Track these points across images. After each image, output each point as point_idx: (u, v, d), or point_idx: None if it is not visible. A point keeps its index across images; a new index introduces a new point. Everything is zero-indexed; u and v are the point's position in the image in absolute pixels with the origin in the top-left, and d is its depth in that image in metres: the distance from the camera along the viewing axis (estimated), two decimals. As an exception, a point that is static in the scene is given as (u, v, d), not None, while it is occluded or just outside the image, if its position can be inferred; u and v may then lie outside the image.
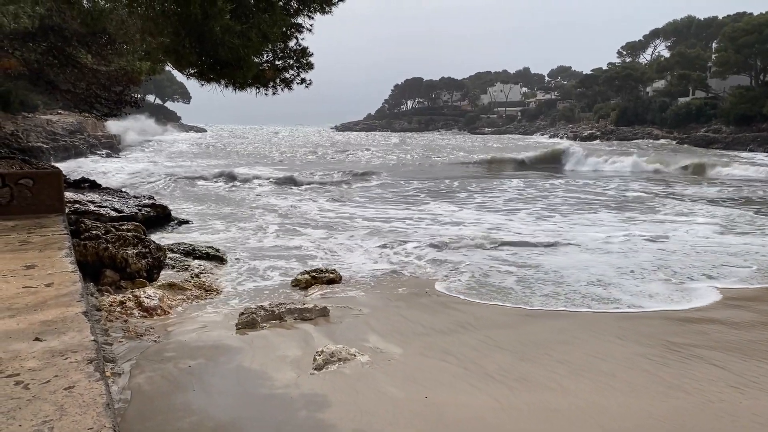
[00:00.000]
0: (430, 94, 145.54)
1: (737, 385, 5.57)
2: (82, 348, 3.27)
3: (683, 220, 15.84)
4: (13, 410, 2.53)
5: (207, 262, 10.51)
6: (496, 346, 6.60)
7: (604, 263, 10.59)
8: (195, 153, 50.78)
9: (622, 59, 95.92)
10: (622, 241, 12.62)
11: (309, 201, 20.68)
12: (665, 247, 12.00)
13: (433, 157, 44.68)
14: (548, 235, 13.62)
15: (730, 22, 69.68)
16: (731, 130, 56.40)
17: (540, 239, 12.99)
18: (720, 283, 9.25)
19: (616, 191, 23.27)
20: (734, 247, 12.00)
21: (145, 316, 7.45)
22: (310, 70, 8.89)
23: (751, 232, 13.85)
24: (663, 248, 11.91)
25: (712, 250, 11.70)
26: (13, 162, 16.07)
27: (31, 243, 6.17)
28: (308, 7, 7.88)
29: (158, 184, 25.62)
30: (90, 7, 6.89)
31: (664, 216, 16.64)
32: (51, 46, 12.99)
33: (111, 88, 15.99)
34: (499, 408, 5.15)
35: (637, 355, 6.35)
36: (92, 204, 13.23)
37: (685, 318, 7.66)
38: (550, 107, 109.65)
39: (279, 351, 6.42)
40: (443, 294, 8.79)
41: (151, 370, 5.82)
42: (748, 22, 60.58)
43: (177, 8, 6.19)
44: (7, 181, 8.02)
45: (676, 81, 68.46)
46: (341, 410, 5.09)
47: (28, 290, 4.44)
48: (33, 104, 39.51)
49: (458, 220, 16.05)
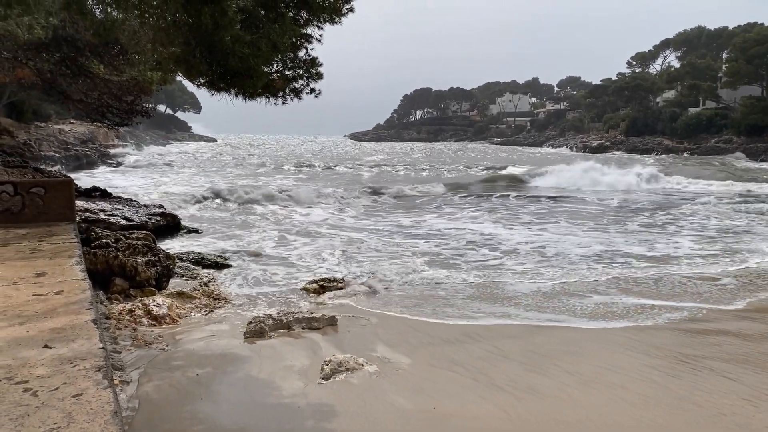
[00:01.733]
0: (439, 104, 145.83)
1: (750, 397, 5.50)
2: (90, 356, 3.28)
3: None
4: (21, 417, 2.54)
5: (216, 271, 10.54)
6: (504, 357, 6.56)
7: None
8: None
9: (631, 69, 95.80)
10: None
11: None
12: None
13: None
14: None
15: (740, 32, 69.42)
16: (742, 141, 56.12)
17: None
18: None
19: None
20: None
21: (153, 325, 7.47)
22: (319, 80, 8.92)
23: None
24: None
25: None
26: (26, 171, 16.24)
27: (42, 251, 6.22)
28: (318, 17, 7.92)
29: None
30: (102, 18, 6.96)
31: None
32: (64, 56, 13.15)
33: (122, 97, 16.14)
34: (507, 419, 5.10)
35: (648, 366, 6.28)
36: (103, 213, 13.31)
37: (696, 330, 7.58)
38: (559, 117, 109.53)
39: (287, 360, 6.41)
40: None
41: (159, 379, 5.83)
42: (759, 32, 60.42)
43: (188, 18, 6.24)
44: (19, 189, 8.09)
45: (686, 91, 68.26)
46: (349, 420, 5.06)
47: (38, 298, 4.47)
48: (46, 114, 40.00)
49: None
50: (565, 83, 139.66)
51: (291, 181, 32.31)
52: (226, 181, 29.59)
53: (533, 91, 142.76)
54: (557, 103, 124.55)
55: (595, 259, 12.02)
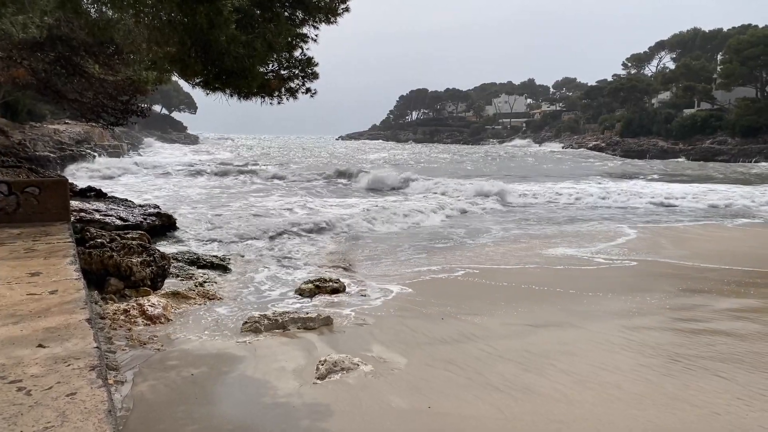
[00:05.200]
0: (435, 105, 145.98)
1: (744, 397, 5.52)
2: (84, 355, 3.27)
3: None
4: (14, 416, 2.53)
5: (211, 271, 10.52)
6: (500, 357, 6.57)
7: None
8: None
9: (627, 71, 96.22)
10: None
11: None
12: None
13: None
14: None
15: (735, 34, 69.76)
16: (737, 142, 56.38)
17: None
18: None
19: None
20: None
21: (148, 325, 7.45)
22: (315, 80, 8.93)
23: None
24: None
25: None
26: (20, 171, 16.18)
27: (36, 251, 6.19)
28: (313, 17, 7.93)
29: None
30: (97, 17, 6.95)
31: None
32: (59, 55, 13.08)
33: (118, 97, 16.07)
34: (503, 419, 5.11)
35: (643, 366, 6.30)
36: (98, 212, 13.26)
37: (690, 329, 7.60)
38: (555, 118, 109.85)
39: (282, 360, 6.40)
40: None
41: (154, 379, 5.81)
42: (753, 34, 60.72)
43: (183, 18, 6.24)
44: (14, 189, 8.06)
45: (681, 92, 68.50)
46: (344, 420, 5.06)
47: (32, 297, 4.45)
48: (40, 114, 39.79)
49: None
50: (560, 84, 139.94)
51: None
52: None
53: (529, 92, 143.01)
54: (553, 105, 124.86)
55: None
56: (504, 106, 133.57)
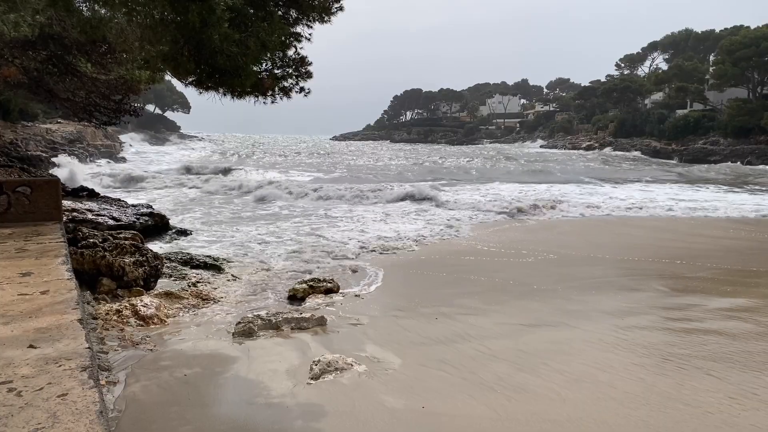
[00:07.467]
0: (429, 105, 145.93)
1: (736, 396, 5.54)
2: (76, 355, 3.24)
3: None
4: (5, 417, 2.51)
5: (204, 271, 10.47)
6: (494, 356, 6.57)
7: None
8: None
9: (620, 71, 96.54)
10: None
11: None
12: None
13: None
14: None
15: (727, 35, 70.02)
16: (729, 143, 56.63)
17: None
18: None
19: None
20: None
21: (141, 325, 7.41)
22: (309, 79, 8.91)
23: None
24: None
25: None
26: (12, 170, 16.09)
27: (28, 250, 6.15)
28: (307, 16, 7.91)
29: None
30: (90, 16, 6.91)
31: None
32: (51, 54, 13.01)
33: (110, 96, 15.98)
34: (497, 418, 5.11)
35: (636, 365, 6.32)
36: (90, 212, 13.20)
37: (683, 329, 7.63)
38: (548, 119, 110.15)
39: (275, 360, 6.38)
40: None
41: (146, 379, 5.78)
42: (745, 35, 60.95)
43: (176, 16, 6.21)
44: (5, 188, 8.01)
45: (674, 93, 68.77)
46: (338, 420, 5.05)
47: (23, 297, 4.42)
48: (32, 113, 39.57)
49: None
50: (554, 85, 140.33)
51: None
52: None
53: (523, 92, 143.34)
54: (546, 105, 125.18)
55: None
56: (498, 107, 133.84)
